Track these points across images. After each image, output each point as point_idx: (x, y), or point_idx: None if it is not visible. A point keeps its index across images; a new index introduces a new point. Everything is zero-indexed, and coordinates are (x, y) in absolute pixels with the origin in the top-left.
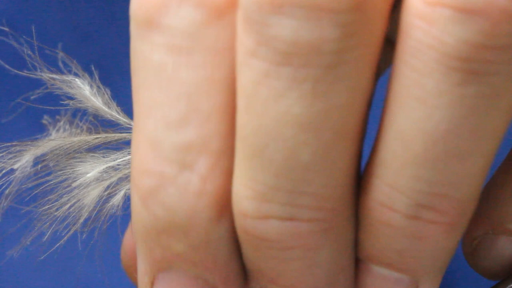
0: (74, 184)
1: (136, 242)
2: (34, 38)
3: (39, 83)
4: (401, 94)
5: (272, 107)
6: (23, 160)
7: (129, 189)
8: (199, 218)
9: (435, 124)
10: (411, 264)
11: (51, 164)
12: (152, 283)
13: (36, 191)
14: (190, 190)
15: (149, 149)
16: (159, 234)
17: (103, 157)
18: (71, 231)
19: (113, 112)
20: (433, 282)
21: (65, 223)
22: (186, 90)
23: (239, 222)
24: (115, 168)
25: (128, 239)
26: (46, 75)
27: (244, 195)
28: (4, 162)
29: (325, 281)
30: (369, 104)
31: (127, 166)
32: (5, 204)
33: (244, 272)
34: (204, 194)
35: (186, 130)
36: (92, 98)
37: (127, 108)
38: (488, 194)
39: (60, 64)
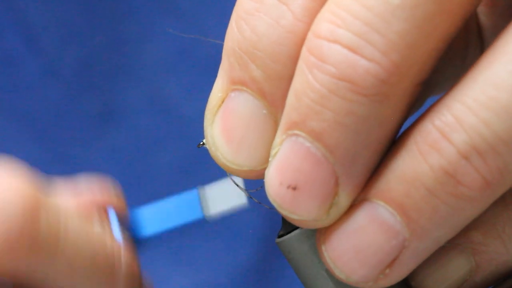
0: None
1: (222, 59)
2: None
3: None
4: (508, 48)
5: None
6: None
7: None
8: (281, 52)
9: None
10: (423, 216)
11: None
12: (223, 100)
13: None
14: (281, 24)
15: None
16: (243, 55)
17: None
18: None
19: None
20: (416, 256)
21: None
22: None
23: (308, 42)
24: None
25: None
26: None
27: (324, 18)
28: None
29: (350, 144)
30: None
31: None
32: None
33: None
34: (291, 32)
35: None
36: None
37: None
38: None
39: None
